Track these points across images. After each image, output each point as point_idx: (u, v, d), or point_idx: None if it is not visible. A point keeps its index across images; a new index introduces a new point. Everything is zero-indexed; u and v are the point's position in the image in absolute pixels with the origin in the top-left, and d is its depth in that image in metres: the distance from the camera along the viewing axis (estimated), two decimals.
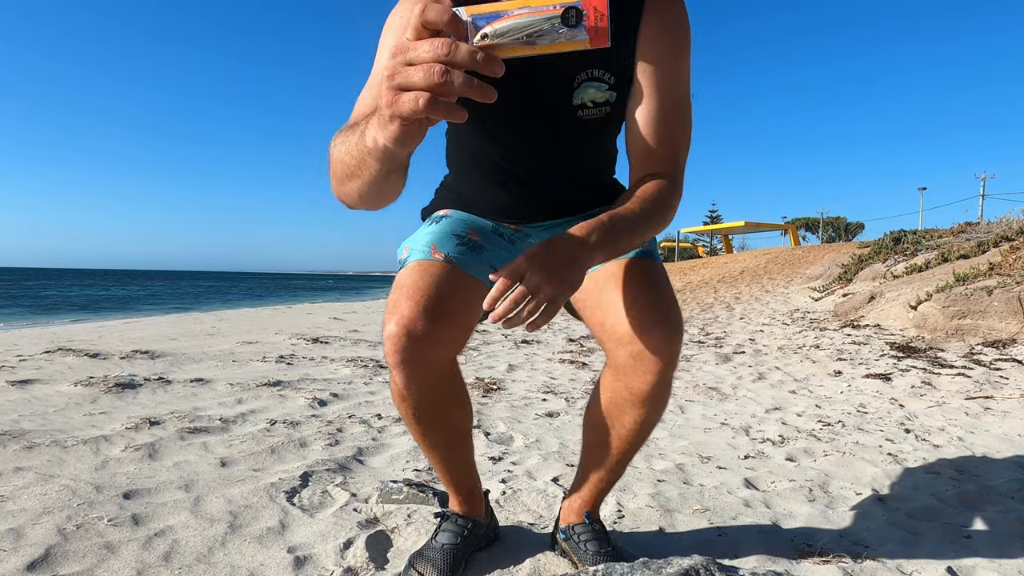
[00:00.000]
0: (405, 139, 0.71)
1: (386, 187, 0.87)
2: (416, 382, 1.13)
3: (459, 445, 1.30)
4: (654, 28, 1.12)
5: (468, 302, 1.16)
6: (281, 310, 12.56)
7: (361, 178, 0.84)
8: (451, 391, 1.22)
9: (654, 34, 1.12)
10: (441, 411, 1.22)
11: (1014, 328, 4.56)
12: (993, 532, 1.54)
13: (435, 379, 1.15)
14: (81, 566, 1.32)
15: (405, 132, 0.70)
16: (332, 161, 0.89)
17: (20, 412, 2.57)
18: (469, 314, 1.16)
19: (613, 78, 1.14)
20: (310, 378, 3.63)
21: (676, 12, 1.14)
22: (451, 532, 1.33)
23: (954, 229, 10.53)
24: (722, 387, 3.56)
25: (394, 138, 0.71)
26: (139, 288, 40.53)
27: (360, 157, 0.80)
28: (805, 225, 42.84)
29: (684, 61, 1.15)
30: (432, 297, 1.10)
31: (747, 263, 16.47)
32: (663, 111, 1.12)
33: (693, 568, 0.87)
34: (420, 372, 1.11)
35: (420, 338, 1.07)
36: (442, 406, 1.21)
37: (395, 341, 1.07)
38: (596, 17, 0.64)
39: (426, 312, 1.07)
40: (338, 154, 0.86)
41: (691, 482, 1.94)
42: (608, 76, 1.13)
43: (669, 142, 1.12)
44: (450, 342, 1.12)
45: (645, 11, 1.12)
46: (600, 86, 1.14)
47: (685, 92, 1.15)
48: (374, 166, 0.80)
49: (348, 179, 0.87)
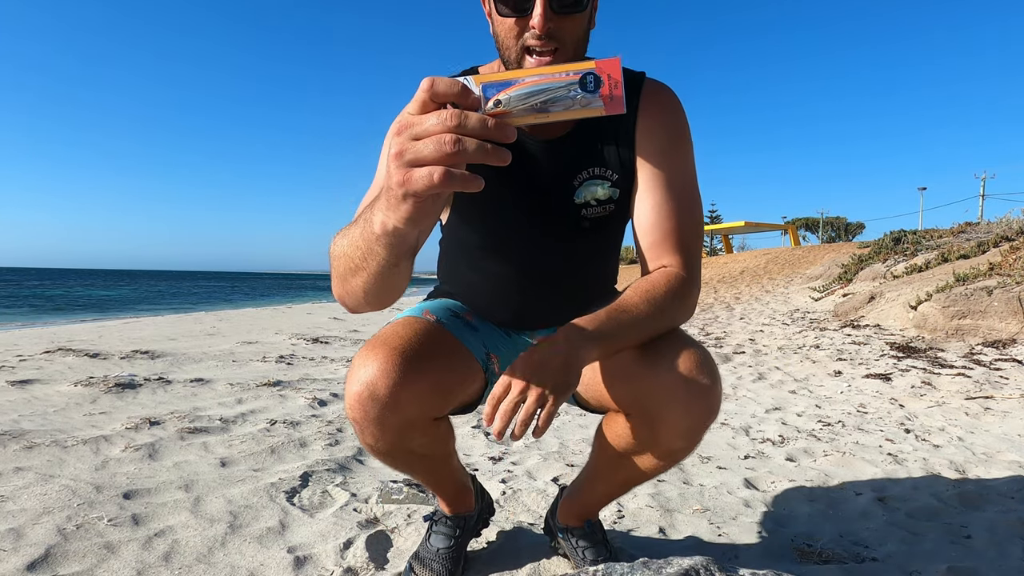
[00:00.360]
0: (419, 217, 0.68)
1: (394, 279, 0.82)
2: (384, 443, 1.04)
3: (441, 467, 1.24)
4: (651, 121, 1.10)
5: (452, 365, 1.08)
6: (281, 310, 12.56)
7: (367, 270, 0.80)
8: (427, 439, 1.11)
9: (652, 126, 1.10)
10: (417, 455, 1.13)
11: (1014, 328, 4.56)
12: (993, 532, 1.54)
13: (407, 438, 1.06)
14: (81, 566, 1.32)
15: (419, 210, 0.67)
16: (334, 258, 0.84)
17: (20, 412, 2.57)
18: (450, 378, 1.07)
19: (615, 175, 1.11)
20: (310, 378, 3.63)
21: (671, 104, 1.13)
22: (444, 535, 1.33)
23: (954, 229, 10.54)
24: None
25: (407, 218, 0.67)
26: (145, 288, 40.56)
27: (367, 247, 0.76)
28: (805, 225, 42.87)
29: (686, 151, 1.12)
30: (412, 349, 1.00)
31: (747, 263, 16.47)
32: (669, 201, 1.07)
33: (693, 568, 0.87)
34: (388, 434, 1.02)
35: (387, 401, 0.97)
36: (418, 452, 1.12)
37: (358, 402, 0.98)
38: (611, 84, 0.64)
39: (402, 363, 0.98)
40: (340, 249, 0.82)
41: (691, 482, 1.94)
42: (610, 173, 1.11)
43: (678, 233, 1.06)
44: (424, 404, 1.02)
45: (641, 107, 1.11)
46: (603, 183, 1.11)
47: (691, 182, 1.11)
48: (382, 254, 0.76)
49: (352, 274, 0.82)
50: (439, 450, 1.17)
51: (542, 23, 0.94)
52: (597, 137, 1.12)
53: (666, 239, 1.06)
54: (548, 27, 0.94)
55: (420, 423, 1.05)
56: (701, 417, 1.01)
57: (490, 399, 0.86)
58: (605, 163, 1.11)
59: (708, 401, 1.00)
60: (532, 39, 0.96)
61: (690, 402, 0.99)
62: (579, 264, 1.21)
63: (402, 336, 1.03)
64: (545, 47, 0.96)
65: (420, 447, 1.10)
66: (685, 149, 1.12)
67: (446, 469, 1.25)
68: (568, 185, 1.12)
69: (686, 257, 1.06)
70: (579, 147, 1.11)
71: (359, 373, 0.98)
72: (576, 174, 1.11)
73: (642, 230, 1.09)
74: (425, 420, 1.06)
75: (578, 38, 0.99)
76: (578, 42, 0.99)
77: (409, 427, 1.03)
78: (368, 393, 0.97)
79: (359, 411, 0.99)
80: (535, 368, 0.86)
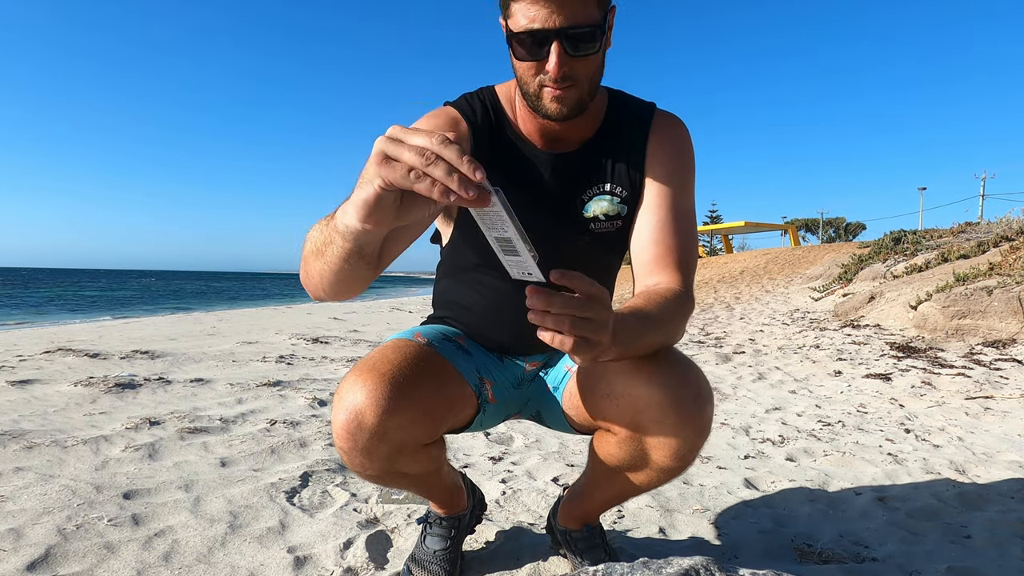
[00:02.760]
0: (377, 210, 0.69)
1: (352, 272, 0.83)
2: (373, 469, 1.03)
3: (433, 479, 1.21)
4: (661, 144, 1.13)
5: (442, 390, 1.06)
6: (281, 310, 12.56)
7: (326, 257, 0.82)
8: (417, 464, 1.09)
9: (662, 149, 1.12)
10: (408, 476, 1.12)
11: (1014, 328, 4.56)
12: (993, 532, 1.54)
13: (397, 464, 1.04)
14: (81, 566, 1.32)
15: (379, 201, 0.68)
16: (305, 240, 0.87)
17: (20, 412, 2.57)
18: (440, 403, 1.05)
19: (625, 191, 1.13)
20: (310, 378, 3.63)
21: (681, 132, 1.15)
22: (439, 536, 1.32)
23: (954, 229, 10.53)
24: (722, 387, 3.56)
25: (368, 200, 0.68)
26: (145, 288, 40.52)
27: (329, 234, 0.79)
28: (805, 225, 42.84)
29: (690, 178, 1.14)
30: (401, 374, 0.99)
31: (747, 263, 16.47)
32: (674, 221, 1.09)
33: (693, 568, 0.86)
34: (377, 462, 1.01)
35: (375, 430, 0.96)
36: (409, 474, 1.11)
37: (345, 431, 0.97)
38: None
39: (390, 391, 0.96)
40: (310, 233, 0.86)
41: (691, 482, 1.94)
42: (620, 190, 1.13)
43: (679, 251, 1.08)
44: (414, 431, 1.01)
45: (652, 130, 1.13)
46: (612, 199, 1.13)
47: (692, 208, 1.13)
48: (340, 244, 0.78)
49: (314, 257, 0.84)
50: (430, 468, 1.15)
51: (557, 68, 0.96)
52: (608, 154, 1.13)
53: (668, 255, 1.07)
54: (563, 71, 0.97)
55: (409, 450, 1.03)
56: (693, 438, 1.00)
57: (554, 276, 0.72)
58: (615, 179, 1.13)
59: (700, 422, 0.99)
60: (548, 81, 0.98)
61: (681, 423, 0.98)
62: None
63: (391, 361, 1.01)
64: (561, 86, 0.99)
65: (410, 470, 1.09)
66: (689, 176, 1.14)
67: (437, 479, 1.24)
68: (578, 198, 1.13)
69: (685, 275, 1.07)
70: (589, 162, 1.13)
71: (346, 401, 0.97)
72: (586, 188, 1.13)
73: (644, 244, 1.10)
74: (415, 446, 1.04)
75: (592, 73, 1.01)
76: (592, 76, 1.02)
77: (398, 454, 1.02)
78: (356, 423, 0.96)
79: (347, 441, 0.98)
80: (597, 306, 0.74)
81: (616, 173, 1.13)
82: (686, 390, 0.98)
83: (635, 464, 1.08)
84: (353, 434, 0.97)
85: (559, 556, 1.39)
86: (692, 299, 1.06)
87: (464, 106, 1.14)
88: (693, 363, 1.02)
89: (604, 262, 1.22)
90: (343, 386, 0.99)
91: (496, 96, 1.16)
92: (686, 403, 0.98)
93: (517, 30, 0.95)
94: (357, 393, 0.96)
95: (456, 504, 1.34)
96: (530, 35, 0.95)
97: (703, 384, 1.00)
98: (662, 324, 0.96)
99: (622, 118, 1.15)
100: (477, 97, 1.16)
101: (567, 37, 0.94)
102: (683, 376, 0.99)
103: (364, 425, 0.96)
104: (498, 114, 1.14)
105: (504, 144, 1.13)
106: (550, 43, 0.94)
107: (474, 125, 1.11)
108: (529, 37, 0.95)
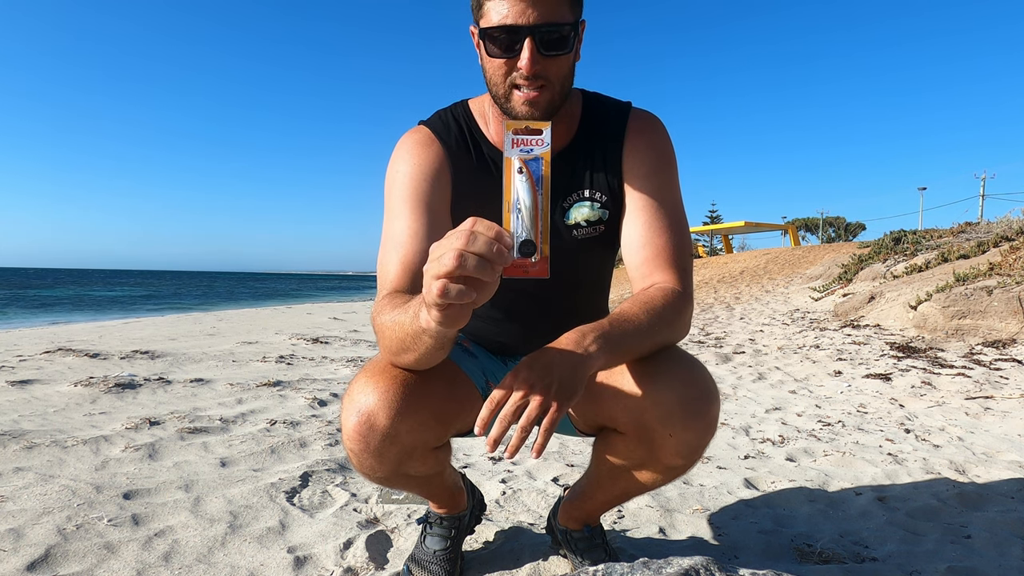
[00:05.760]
0: (447, 322, 0.74)
1: (441, 354, 0.91)
2: (382, 472, 1.04)
3: (436, 481, 1.22)
4: (637, 147, 1.13)
5: (452, 393, 1.07)
6: (281, 310, 12.57)
7: (416, 351, 0.89)
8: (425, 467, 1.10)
9: (637, 152, 1.13)
10: (414, 478, 1.12)
11: (1014, 328, 4.56)
12: (993, 532, 1.54)
13: (405, 466, 1.04)
14: (81, 566, 1.32)
15: (446, 316, 0.73)
16: (383, 335, 0.94)
17: (20, 412, 2.57)
18: (450, 406, 1.05)
19: (605, 196, 1.14)
20: (310, 378, 3.63)
21: (656, 130, 1.15)
22: (439, 536, 1.32)
23: (954, 229, 10.53)
24: (722, 387, 3.56)
25: (438, 322, 0.75)
26: (144, 288, 40.53)
27: (415, 335, 0.85)
28: (805, 225, 42.82)
29: (671, 174, 1.14)
30: (412, 376, 0.99)
31: (747, 263, 16.47)
32: (659, 220, 1.09)
33: (693, 568, 0.86)
34: (387, 464, 1.02)
35: (387, 432, 0.96)
36: (415, 476, 1.11)
37: (357, 433, 0.97)
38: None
39: (403, 393, 0.97)
40: (390, 329, 0.91)
41: (691, 482, 1.94)
42: (599, 195, 1.14)
43: (670, 250, 1.08)
44: (424, 434, 1.01)
45: (628, 135, 1.14)
46: (592, 204, 1.14)
47: (678, 203, 1.13)
48: (428, 342, 0.84)
49: (403, 352, 0.91)
50: (435, 471, 1.16)
51: (530, 65, 0.96)
52: (584, 164, 1.14)
53: (659, 255, 1.08)
54: (535, 69, 0.97)
55: (419, 453, 1.04)
56: (699, 435, 1.00)
57: (488, 402, 0.83)
58: (594, 185, 1.14)
59: (706, 419, 0.99)
60: (520, 79, 0.98)
61: (688, 420, 0.98)
62: (571, 287, 1.22)
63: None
64: (532, 85, 0.99)
65: (416, 472, 1.09)
66: (670, 172, 1.14)
67: (440, 480, 1.24)
68: (558, 207, 1.14)
69: (680, 273, 1.07)
70: (567, 172, 1.14)
71: (358, 402, 0.97)
72: (565, 196, 1.14)
73: (634, 248, 1.10)
74: (424, 449, 1.04)
75: (564, 75, 1.01)
76: (564, 79, 1.02)
77: (408, 456, 1.02)
78: (368, 424, 0.96)
79: (358, 442, 0.98)
80: (542, 370, 0.84)
81: (595, 179, 1.14)
82: (693, 389, 0.98)
83: (641, 463, 1.08)
84: (365, 436, 0.97)
85: (559, 556, 1.39)
86: (689, 295, 1.06)
87: (438, 125, 1.15)
88: (698, 362, 1.03)
89: (592, 266, 1.23)
90: (354, 388, 0.99)
91: (470, 111, 1.17)
92: (693, 402, 0.98)
93: (489, 27, 0.96)
94: (369, 395, 0.97)
95: (456, 504, 1.34)
96: (503, 31, 0.95)
97: (709, 382, 1.00)
98: (653, 326, 0.96)
99: (597, 122, 1.15)
100: (451, 114, 1.17)
101: (540, 35, 0.95)
102: (689, 375, 0.99)
103: (376, 427, 0.96)
104: (472, 130, 1.16)
105: (481, 160, 1.14)
106: (523, 40, 0.95)
107: (448, 146, 1.13)
108: (502, 33, 0.95)
